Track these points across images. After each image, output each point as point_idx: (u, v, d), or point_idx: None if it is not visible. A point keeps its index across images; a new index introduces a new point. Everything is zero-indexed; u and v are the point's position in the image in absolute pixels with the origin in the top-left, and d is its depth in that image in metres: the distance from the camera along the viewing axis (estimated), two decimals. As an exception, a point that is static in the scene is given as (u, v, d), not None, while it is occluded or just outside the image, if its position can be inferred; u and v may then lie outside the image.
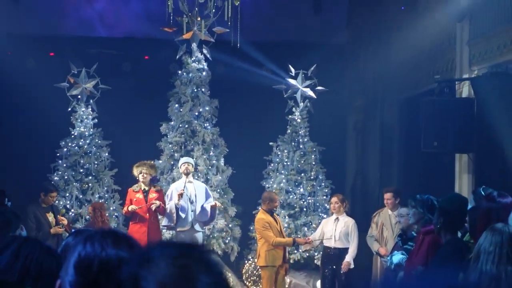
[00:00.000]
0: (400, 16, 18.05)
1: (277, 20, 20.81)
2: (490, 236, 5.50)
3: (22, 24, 20.86)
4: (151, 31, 19.21)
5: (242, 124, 17.24)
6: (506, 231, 5.47)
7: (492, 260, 5.34)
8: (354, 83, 20.47)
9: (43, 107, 17.07)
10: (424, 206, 8.96)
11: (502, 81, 14.85)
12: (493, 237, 5.46)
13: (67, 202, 15.91)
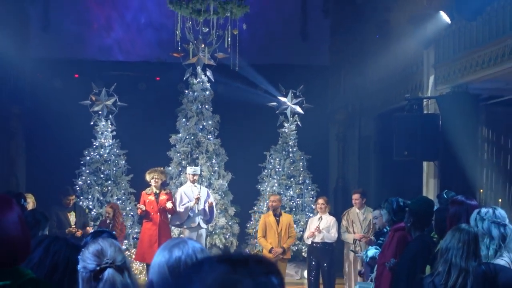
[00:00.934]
0: (375, 43, 18.04)
1: (270, 46, 20.83)
2: (458, 234, 5.46)
3: (51, 49, 20.83)
4: (162, 56, 19.25)
5: (240, 136, 17.23)
6: (472, 232, 5.46)
7: (461, 255, 5.32)
8: (335, 100, 20.44)
9: (69, 122, 17.12)
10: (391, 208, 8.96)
11: (463, 99, 14.86)
12: (461, 236, 5.42)
13: (89, 203, 15.97)
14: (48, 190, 15.39)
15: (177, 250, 3.02)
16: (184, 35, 15.20)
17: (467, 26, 13.95)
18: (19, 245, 3.17)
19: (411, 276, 7.04)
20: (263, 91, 17.92)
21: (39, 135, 18.80)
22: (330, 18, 22.23)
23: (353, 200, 14.12)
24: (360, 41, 19.80)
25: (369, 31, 18.93)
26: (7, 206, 3.19)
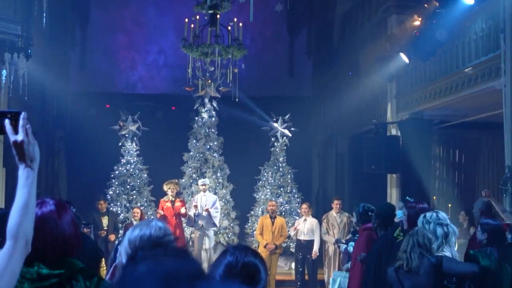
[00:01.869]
0: (348, 78, 18.09)
1: (263, 81, 20.88)
2: (413, 236, 5.57)
3: (87, 85, 20.88)
4: (176, 90, 19.26)
5: (240, 154, 17.21)
6: (423, 233, 5.54)
7: (415, 251, 5.41)
8: (317, 124, 20.45)
9: (101, 143, 17.12)
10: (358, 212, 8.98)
11: (419, 124, 14.92)
12: (415, 237, 5.54)
13: (118, 209, 15.92)
14: (84, 198, 15.38)
15: (140, 229, 3.01)
16: (194, 73, 15.23)
17: (422, 65, 13.99)
18: (72, 241, 3.23)
19: (378, 266, 7.03)
20: (258, 117, 17.92)
21: (78, 153, 18.83)
22: (312, 58, 22.31)
23: (335, 204, 14.12)
24: (336, 77, 19.84)
25: (343, 69, 18.99)
26: (63, 210, 3.25)
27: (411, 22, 13.28)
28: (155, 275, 1.33)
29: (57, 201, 3.28)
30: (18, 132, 2.25)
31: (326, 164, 21.22)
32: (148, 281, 1.29)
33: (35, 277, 3.06)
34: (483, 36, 12.20)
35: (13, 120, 2.26)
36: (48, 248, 3.11)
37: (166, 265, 1.41)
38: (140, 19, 22.12)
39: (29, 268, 3.03)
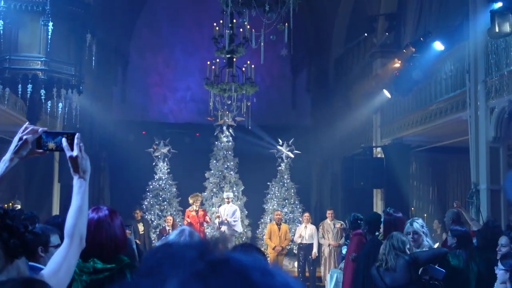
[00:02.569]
0: (341, 110, 18.08)
1: (271, 113, 20.88)
2: (390, 240, 5.61)
3: (126, 114, 20.95)
4: (200, 119, 19.31)
5: (252, 172, 17.11)
6: (398, 237, 5.57)
7: (392, 252, 5.45)
8: (315, 148, 20.44)
9: (138, 163, 17.14)
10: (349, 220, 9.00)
11: (399, 148, 14.93)
12: (391, 241, 5.59)
13: (152, 217, 15.92)
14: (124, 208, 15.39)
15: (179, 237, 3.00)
16: (215, 105, 15.28)
17: (401, 99, 14.03)
18: (121, 241, 3.30)
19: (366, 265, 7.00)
20: (266, 142, 17.92)
21: (119, 171, 18.84)
22: (311, 94, 22.35)
23: (328, 214, 14.10)
24: (331, 110, 19.86)
25: (337, 102, 19.02)
26: (115, 215, 3.33)
27: (392, 65, 13.32)
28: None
29: (109, 208, 3.34)
30: (73, 149, 2.29)
31: (322, 180, 21.18)
32: None
33: (91, 271, 3.10)
34: (452, 75, 12.26)
35: (69, 139, 2.31)
36: (102, 246, 3.17)
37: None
38: (171, 61, 22.26)
39: (86, 263, 3.07)
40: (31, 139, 2.31)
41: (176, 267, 0.51)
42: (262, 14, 8.29)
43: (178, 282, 0.49)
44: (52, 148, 2.33)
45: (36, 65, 10.54)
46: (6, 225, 1.85)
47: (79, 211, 2.29)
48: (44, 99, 10.84)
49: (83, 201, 2.31)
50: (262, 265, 0.52)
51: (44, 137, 2.33)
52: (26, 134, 2.31)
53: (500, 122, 10.52)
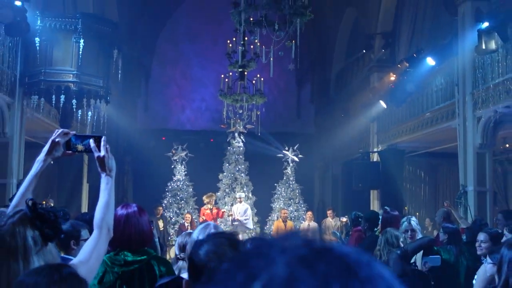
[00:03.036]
0: (341, 119, 18.06)
1: (278, 121, 20.92)
2: (384, 235, 5.53)
3: (149, 123, 21.05)
4: (214, 127, 19.35)
5: (260, 174, 17.07)
6: (392, 233, 5.48)
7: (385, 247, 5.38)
8: (317, 153, 20.42)
9: (159, 166, 17.12)
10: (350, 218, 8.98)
11: (394, 153, 14.90)
12: (386, 235, 5.51)
13: (170, 214, 15.89)
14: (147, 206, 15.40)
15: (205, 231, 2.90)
16: (227, 114, 15.30)
17: (396, 109, 14.01)
18: (148, 235, 3.30)
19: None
20: (274, 147, 17.87)
21: (141, 173, 18.85)
22: (314, 105, 22.36)
23: (329, 213, 14.10)
24: (332, 119, 19.85)
25: (337, 112, 19.00)
26: (142, 211, 3.33)
27: (388, 78, 13.32)
28: None
29: (138, 206, 3.34)
30: (100, 150, 2.32)
31: (324, 182, 21.16)
32: None
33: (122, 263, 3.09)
34: (442, 88, 12.24)
35: (96, 141, 2.33)
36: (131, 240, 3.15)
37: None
38: (188, 75, 22.33)
39: (117, 257, 3.06)
40: (62, 141, 2.34)
41: (283, 252, 0.51)
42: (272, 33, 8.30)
43: (285, 263, 0.50)
44: (81, 150, 2.36)
45: (69, 78, 10.60)
46: (39, 214, 1.87)
47: (106, 205, 2.31)
48: (75, 108, 10.90)
49: (110, 196, 2.33)
50: (361, 255, 0.52)
51: (74, 140, 2.35)
52: (58, 137, 2.34)
53: (486, 130, 10.49)
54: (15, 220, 1.87)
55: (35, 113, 11.23)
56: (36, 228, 1.87)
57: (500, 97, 9.80)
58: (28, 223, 1.86)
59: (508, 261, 2.94)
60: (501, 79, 9.81)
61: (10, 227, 1.85)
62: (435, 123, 12.36)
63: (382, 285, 0.50)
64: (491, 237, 5.00)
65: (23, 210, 1.91)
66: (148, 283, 3.09)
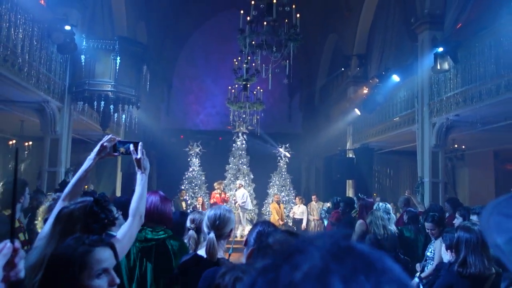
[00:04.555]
0: (324, 123, 18.08)
1: (273, 123, 20.90)
2: (373, 214, 5.34)
3: (170, 124, 21.04)
4: (222, 128, 19.35)
5: (259, 166, 17.07)
6: (378, 214, 5.32)
7: (383, 225, 5.22)
8: (304, 150, 20.44)
9: (178, 158, 17.08)
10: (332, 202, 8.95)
11: (366, 150, 14.89)
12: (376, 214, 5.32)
13: (187, 198, 15.86)
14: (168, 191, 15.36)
15: (213, 210, 2.82)
16: (233, 118, 15.31)
17: (368, 116, 14.00)
18: (168, 219, 3.19)
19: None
20: (270, 145, 17.86)
21: (164, 164, 18.81)
22: (302, 111, 22.35)
23: (313, 198, 14.08)
24: (316, 122, 19.86)
25: (321, 117, 19.03)
26: (166, 198, 3.25)
27: (362, 91, 13.33)
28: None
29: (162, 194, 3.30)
30: (138, 153, 2.34)
31: (309, 173, 21.17)
32: None
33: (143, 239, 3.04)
34: (405, 99, 12.24)
35: (135, 146, 2.37)
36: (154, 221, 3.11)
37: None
38: (202, 86, 22.32)
39: (139, 234, 3.03)
40: (108, 145, 2.35)
41: (318, 249, 0.53)
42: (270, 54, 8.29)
43: (320, 257, 0.51)
44: (122, 152, 2.38)
45: (107, 88, 10.58)
46: (92, 212, 1.84)
47: (140, 197, 2.32)
48: (112, 112, 10.88)
49: (143, 190, 2.34)
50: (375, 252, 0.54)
51: (118, 144, 2.38)
52: (106, 142, 2.36)
53: (440, 133, 10.50)
54: (77, 208, 1.85)
55: (80, 116, 11.23)
56: (86, 221, 1.84)
57: (451, 107, 9.82)
58: (83, 214, 1.84)
59: (464, 242, 2.94)
60: (452, 93, 9.83)
61: (70, 210, 1.84)
62: (399, 127, 12.37)
63: (393, 275, 0.52)
64: (435, 223, 4.90)
65: (87, 203, 1.88)
66: (162, 256, 3.04)
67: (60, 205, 2.17)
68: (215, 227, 2.70)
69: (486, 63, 8.64)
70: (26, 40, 8.58)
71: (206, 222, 2.76)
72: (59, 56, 10.00)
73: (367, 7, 14.64)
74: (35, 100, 9.68)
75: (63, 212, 1.83)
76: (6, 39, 7.89)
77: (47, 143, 10.49)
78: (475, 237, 2.95)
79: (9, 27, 7.96)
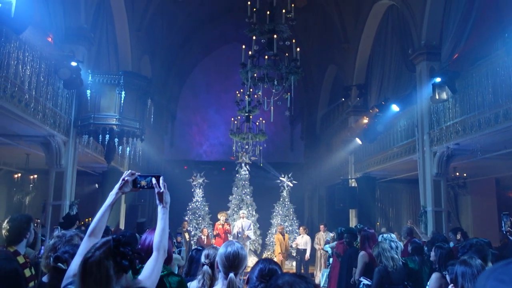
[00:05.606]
0: (326, 152, 18.10)
1: (276, 153, 20.94)
2: (380, 245, 5.22)
3: (174, 155, 21.06)
4: (225, 158, 19.36)
5: (262, 196, 17.03)
6: (384, 245, 5.26)
7: (392, 257, 5.14)
8: (307, 179, 20.37)
9: (182, 189, 16.92)
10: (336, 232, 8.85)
11: (367, 179, 14.85)
12: (382, 245, 5.19)
13: (190, 229, 15.72)
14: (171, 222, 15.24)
15: (229, 248, 2.79)
16: (236, 148, 15.33)
17: (369, 145, 14.01)
18: (169, 257, 3.14)
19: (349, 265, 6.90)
20: (272, 175, 17.84)
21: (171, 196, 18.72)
22: (304, 141, 22.37)
23: (321, 227, 13.88)
24: (318, 152, 19.87)
25: (323, 147, 19.06)
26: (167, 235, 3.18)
27: (362, 120, 13.38)
28: None
29: None
30: (160, 186, 2.31)
31: (312, 202, 21.03)
32: None
33: None
34: (405, 129, 12.27)
35: (156, 179, 2.33)
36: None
37: None
38: (205, 118, 22.47)
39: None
40: (130, 180, 2.33)
41: None
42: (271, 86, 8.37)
43: None
44: (144, 186, 2.34)
45: (112, 121, 10.66)
46: (120, 252, 1.82)
47: (163, 231, 2.28)
48: (117, 144, 10.92)
49: (165, 223, 2.30)
50: None
51: (138, 178, 2.35)
52: (127, 176, 2.34)
53: (441, 162, 10.48)
54: (101, 253, 1.78)
55: (85, 149, 11.28)
56: (116, 261, 1.79)
57: (451, 136, 9.83)
58: (111, 256, 1.78)
59: (461, 274, 2.99)
60: (451, 122, 9.86)
61: (97, 258, 1.76)
62: (400, 156, 12.35)
63: None
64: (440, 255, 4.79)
65: (109, 244, 1.82)
66: None
67: (86, 242, 2.15)
68: (233, 266, 2.65)
69: (484, 93, 8.70)
70: (34, 76, 8.72)
71: (223, 261, 2.70)
72: (65, 91, 10.13)
73: (365, 39, 14.87)
74: (41, 134, 9.75)
75: (90, 262, 1.76)
76: (14, 75, 8.02)
77: (52, 176, 10.50)
78: (471, 270, 2.99)
79: (17, 64, 8.10)
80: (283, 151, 22.09)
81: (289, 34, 8.33)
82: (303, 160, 21.94)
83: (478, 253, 3.73)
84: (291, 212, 16.79)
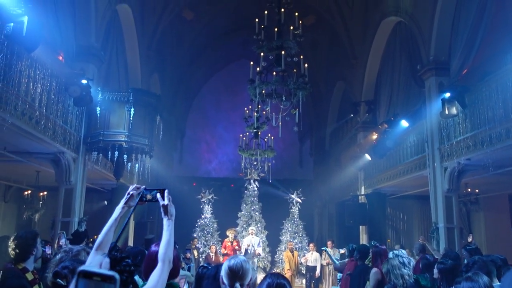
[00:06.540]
0: (335, 168, 18.00)
1: (285, 170, 20.88)
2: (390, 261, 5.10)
3: (183, 172, 21.08)
4: (234, 175, 19.33)
5: (271, 212, 16.94)
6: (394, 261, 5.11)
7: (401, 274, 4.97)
8: (316, 196, 20.24)
9: (190, 206, 16.91)
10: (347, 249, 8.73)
11: (378, 195, 14.72)
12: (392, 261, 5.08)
13: (199, 246, 15.62)
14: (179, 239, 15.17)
15: (233, 260, 2.83)
16: (245, 165, 15.29)
17: (379, 161, 13.92)
18: (174, 270, 3.13)
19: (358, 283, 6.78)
20: (281, 191, 17.75)
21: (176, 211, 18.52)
22: (313, 157, 22.31)
23: (329, 244, 13.76)
24: (327, 168, 19.78)
25: (332, 163, 18.97)
26: (174, 249, 3.17)
27: (371, 136, 13.32)
28: None
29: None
30: (164, 199, 2.34)
31: (322, 219, 20.85)
32: None
33: None
34: (415, 144, 12.18)
35: (161, 193, 2.37)
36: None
37: None
38: (214, 134, 22.53)
39: (145, 282, 2.94)
40: (135, 194, 2.34)
41: None
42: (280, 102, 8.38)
43: None
44: (149, 199, 2.36)
45: (121, 138, 10.71)
46: (117, 271, 1.81)
47: (168, 242, 2.31)
48: (126, 161, 10.96)
49: (171, 235, 2.33)
50: None
51: (144, 192, 2.37)
52: (132, 190, 2.35)
53: (452, 178, 10.35)
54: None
55: (95, 165, 11.31)
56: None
57: (462, 151, 9.73)
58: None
59: None
60: (462, 137, 9.76)
61: None
62: (410, 172, 12.23)
63: None
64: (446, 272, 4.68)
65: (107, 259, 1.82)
66: None
67: (93, 255, 2.14)
68: (238, 277, 2.65)
69: (494, 107, 8.62)
70: (44, 94, 8.81)
71: (227, 273, 2.69)
72: (75, 109, 10.21)
73: (373, 54, 14.89)
74: (51, 151, 9.81)
75: None
76: (25, 93, 8.11)
77: (62, 193, 10.53)
78: (478, 285, 2.94)
79: (28, 82, 8.20)
80: (292, 167, 22.02)
81: (297, 50, 8.36)
82: (312, 177, 21.84)
83: (481, 270, 3.67)
84: (301, 228, 16.64)
